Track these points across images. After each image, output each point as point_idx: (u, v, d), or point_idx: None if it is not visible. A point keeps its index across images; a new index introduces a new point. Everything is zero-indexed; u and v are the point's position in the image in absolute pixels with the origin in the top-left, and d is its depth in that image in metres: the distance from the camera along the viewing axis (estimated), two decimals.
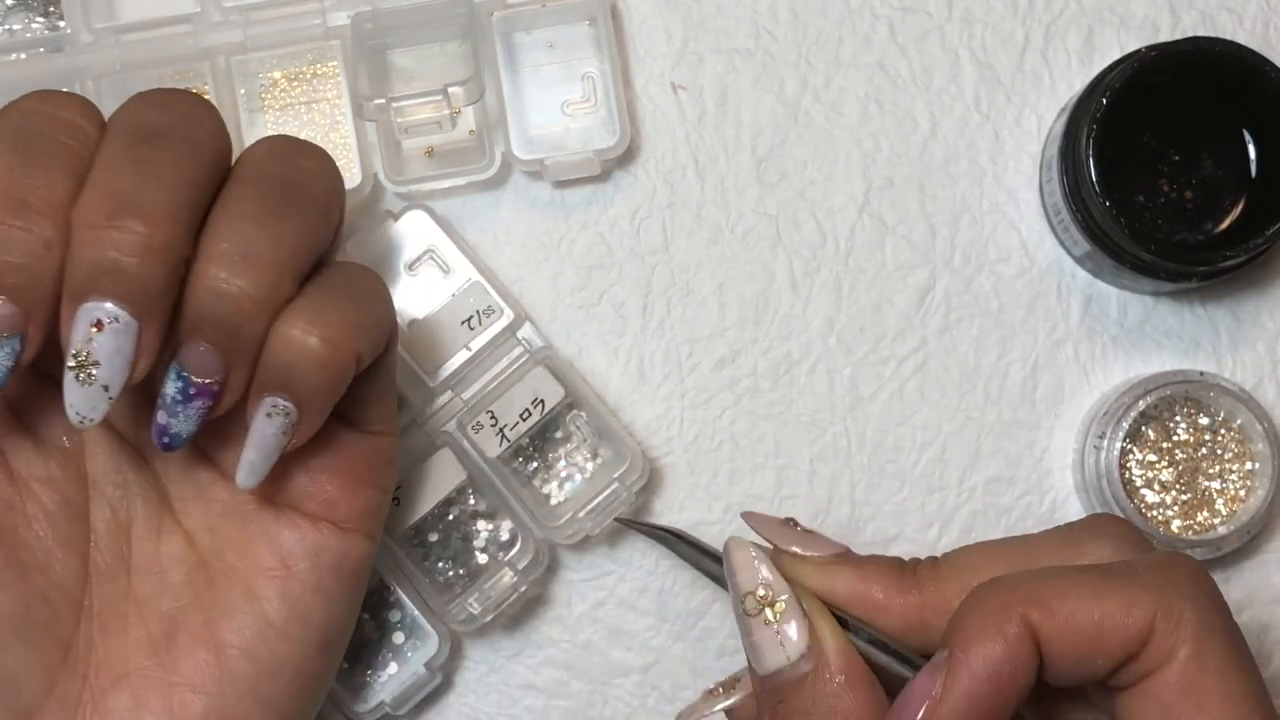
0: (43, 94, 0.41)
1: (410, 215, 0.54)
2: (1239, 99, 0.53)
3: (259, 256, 0.39)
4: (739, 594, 0.41)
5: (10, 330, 0.38)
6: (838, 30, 0.57)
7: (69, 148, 0.39)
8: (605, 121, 0.55)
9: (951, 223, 0.56)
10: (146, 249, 0.38)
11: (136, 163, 0.39)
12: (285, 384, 0.40)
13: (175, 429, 0.40)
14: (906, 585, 0.41)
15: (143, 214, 0.38)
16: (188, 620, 0.44)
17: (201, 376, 0.40)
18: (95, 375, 0.38)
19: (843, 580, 0.41)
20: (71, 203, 0.39)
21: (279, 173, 0.41)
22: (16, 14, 0.56)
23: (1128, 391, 0.54)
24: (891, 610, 0.41)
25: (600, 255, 0.56)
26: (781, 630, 0.40)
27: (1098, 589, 0.38)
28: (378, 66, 0.55)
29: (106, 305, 0.38)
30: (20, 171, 0.39)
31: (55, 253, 0.38)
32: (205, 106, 0.42)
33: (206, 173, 0.40)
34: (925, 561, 0.41)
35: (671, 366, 0.56)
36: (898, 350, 0.56)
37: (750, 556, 0.41)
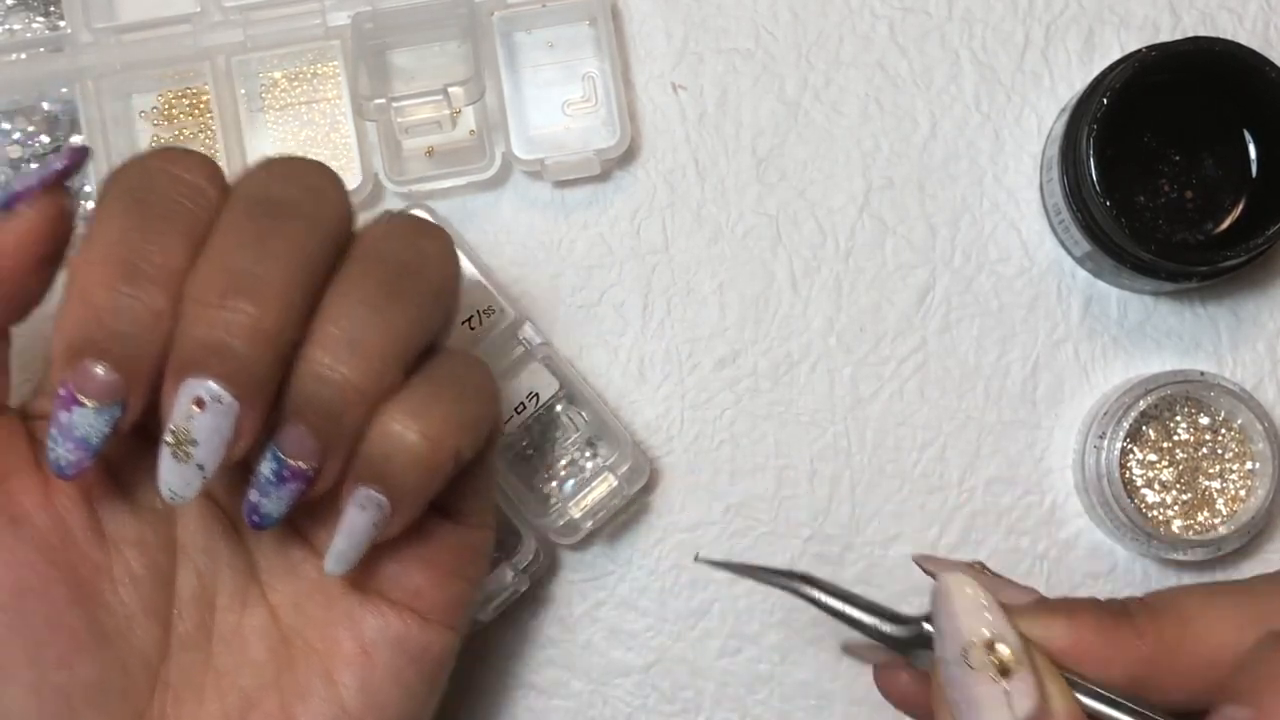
0: (170, 152, 0.40)
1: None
2: (1239, 99, 0.53)
3: (367, 345, 0.38)
4: (958, 642, 0.36)
5: (111, 399, 0.37)
6: (838, 30, 0.57)
7: (189, 212, 0.38)
8: (605, 121, 0.55)
9: (952, 222, 0.56)
10: (256, 332, 0.37)
11: (256, 238, 0.38)
12: (381, 477, 0.39)
13: (266, 509, 0.39)
14: (1126, 635, 0.37)
15: (256, 296, 0.37)
16: (263, 699, 0.42)
17: (297, 460, 0.38)
18: (192, 454, 0.37)
19: (1057, 629, 0.37)
20: (186, 270, 0.38)
21: (397, 255, 0.40)
22: (16, 14, 0.56)
23: (1128, 391, 0.54)
24: (1114, 663, 0.37)
25: (600, 255, 0.56)
26: (1012, 688, 0.36)
27: None
28: (378, 66, 0.55)
29: (209, 384, 0.37)
30: (137, 234, 0.38)
31: (164, 324, 0.37)
32: (332, 179, 0.41)
33: (326, 251, 0.39)
34: (1136, 606, 0.38)
35: (671, 366, 0.56)
36: (898, 350, 0.56)
37: (978, 601, 0.37)
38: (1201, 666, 0.37)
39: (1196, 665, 0.37)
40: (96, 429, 0.38)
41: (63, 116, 0.55)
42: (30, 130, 0.55)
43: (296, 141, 0.55)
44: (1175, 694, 0.37)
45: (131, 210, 0.38)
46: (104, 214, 0.38)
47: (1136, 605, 0.38)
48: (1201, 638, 0.37)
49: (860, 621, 0.39)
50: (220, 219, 0.39)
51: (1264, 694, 0.34)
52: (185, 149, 0.40)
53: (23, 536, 0.40)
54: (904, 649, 0.38)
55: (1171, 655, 0.37)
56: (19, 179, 0.39)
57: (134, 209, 0.38)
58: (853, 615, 0.39)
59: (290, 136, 0.55)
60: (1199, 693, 0.37)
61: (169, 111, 0.55)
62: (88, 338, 0.37)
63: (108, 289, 0.37)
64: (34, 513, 0.41)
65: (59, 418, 0.38)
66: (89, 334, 0.37)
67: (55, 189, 0.39)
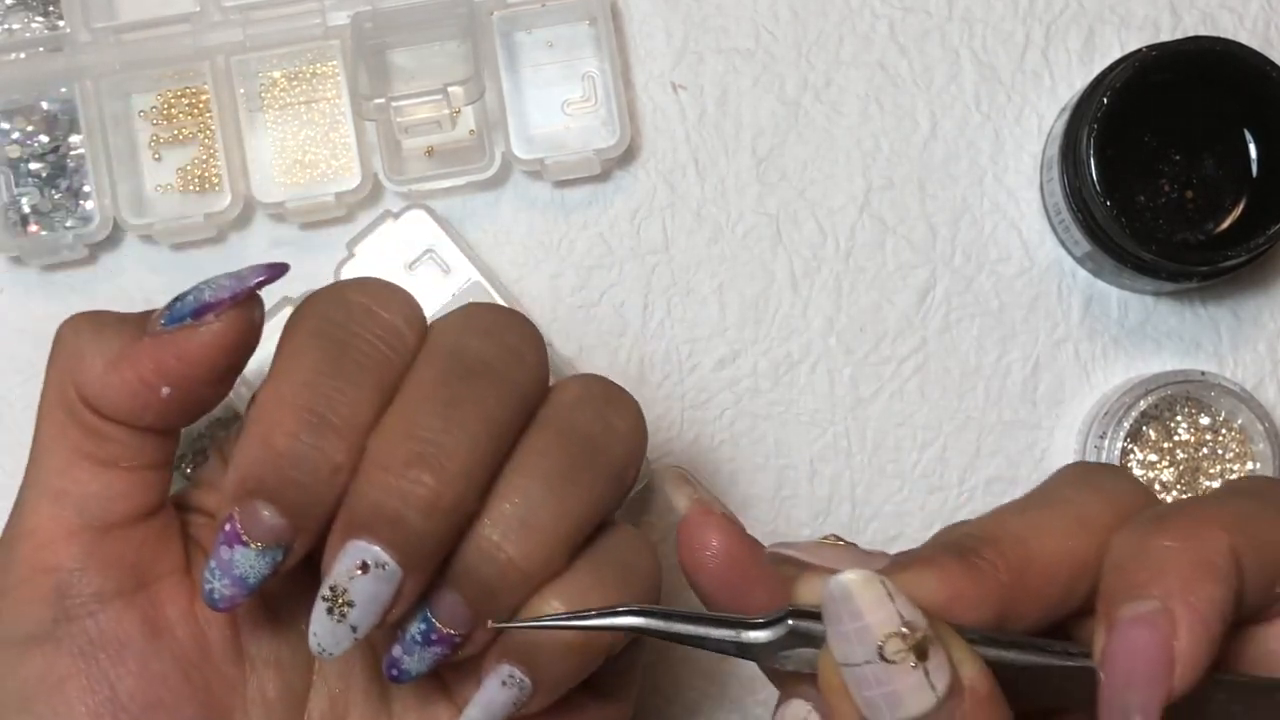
0: (370, 286, 0.39)
1: (410, 215, 0.54)
2: (1240, 98, 0.53)
3: (539, 526, 0.38)
4: (871, 642, 0.33)
5: (277, 543, 0.36)
6: (838, 30, 0.57)
7: (384, 359, 0.38)
8: (605, 121, 0.55)
9: (952, 222, 0.56)
10: (434, 507, 0.36)
11: (447, 403, 0.37)
12: (529, 660, 0.38)
13: (407, 666, 0.38)
14: (985, 571, 0.35)
15: (439, 469, 0.36)
16: None
17: (448, 627, 0.37)
18: (347, 615, 0.36)
19: (932, 585, 0.35)
20: (373, 421, 0.37)
21: (584, 428, 0.39)
22: (16, 13, 0.56)
23: (1128, 391, 0.54)
24: (984, 602, 0.35)
25: (600, 255, 0.56)
26: (930, 668, 0.33)
27: (1266, 511, 0.34)
28: (377, 66, 0.55)
29: (376, 549, 0.36)
30: (328, 380, 0.37)
31: (341, 478, 0.36)
32: (530, 337, 0.40)
33: (516, 419, 0.38)
34: (972, 541, 0.36)
35: (671, 366, 0.56)
36: (898, 350, 0.56)
37: (881, 592, 0.33)
38: (1047, 582, 0.35)
39: (1044, 582, 0.35)
40: (257, 570, 0.36)
41: (62, 116, 0.55)
42: (29, 130, 0.55)
43: (296, 141, 0.55)
44: (1029, 618, 0.36)
45: (326, 352, 0.37)
46: (296, 348, 0.37)
47: (973, 540, 0.36)
48: (1041, 554, 0.35)
49: (712, 638, 0.35)
50: (413, 372, 0.38)
51: (1160, 581, 0.33)
52: (386, 283, 0.39)
53: (162, 648, 0.39)
54: (768, 655, 0.35)
55: (1022, 578, 0.35)
56: (211, 288, 0.37)
57: (329, 350, 0.37)
58: (700, 634, 0.35)
59: (290, 136, 0.55)
60: (1047, 610, 0.36)
61: (168, 111, 0.55)
62: (262, 480, 0.36)
63: (290, 436, 0.36)
64: (176, 623, 0.39)
65: (220, 552, 0.36)
66: (264, 477, 0.36)
67: (247, 302, 0.37)
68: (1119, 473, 0.38)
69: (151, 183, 0.55)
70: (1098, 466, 0.38)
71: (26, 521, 0.39)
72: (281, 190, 0.55)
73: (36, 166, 0.55)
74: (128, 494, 0.39)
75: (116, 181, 0.54)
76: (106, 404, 0.38)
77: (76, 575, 0.38)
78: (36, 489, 0.39)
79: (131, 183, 0.55)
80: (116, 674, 0.38)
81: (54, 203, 0.54)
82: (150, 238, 0.55)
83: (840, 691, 0.34)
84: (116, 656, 0.38)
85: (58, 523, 0.38)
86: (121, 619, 0.39)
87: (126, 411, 0.38)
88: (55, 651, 0.38)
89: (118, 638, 0.38)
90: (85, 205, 0.54)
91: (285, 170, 0.55)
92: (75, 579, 0.38)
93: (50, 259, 0.55)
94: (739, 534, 0.38)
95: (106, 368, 0.37)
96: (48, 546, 0.38)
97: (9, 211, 0.54)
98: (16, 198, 0.54)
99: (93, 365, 0.38)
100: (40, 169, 0.55)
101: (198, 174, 0.55)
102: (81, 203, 0.54)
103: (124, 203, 0.54)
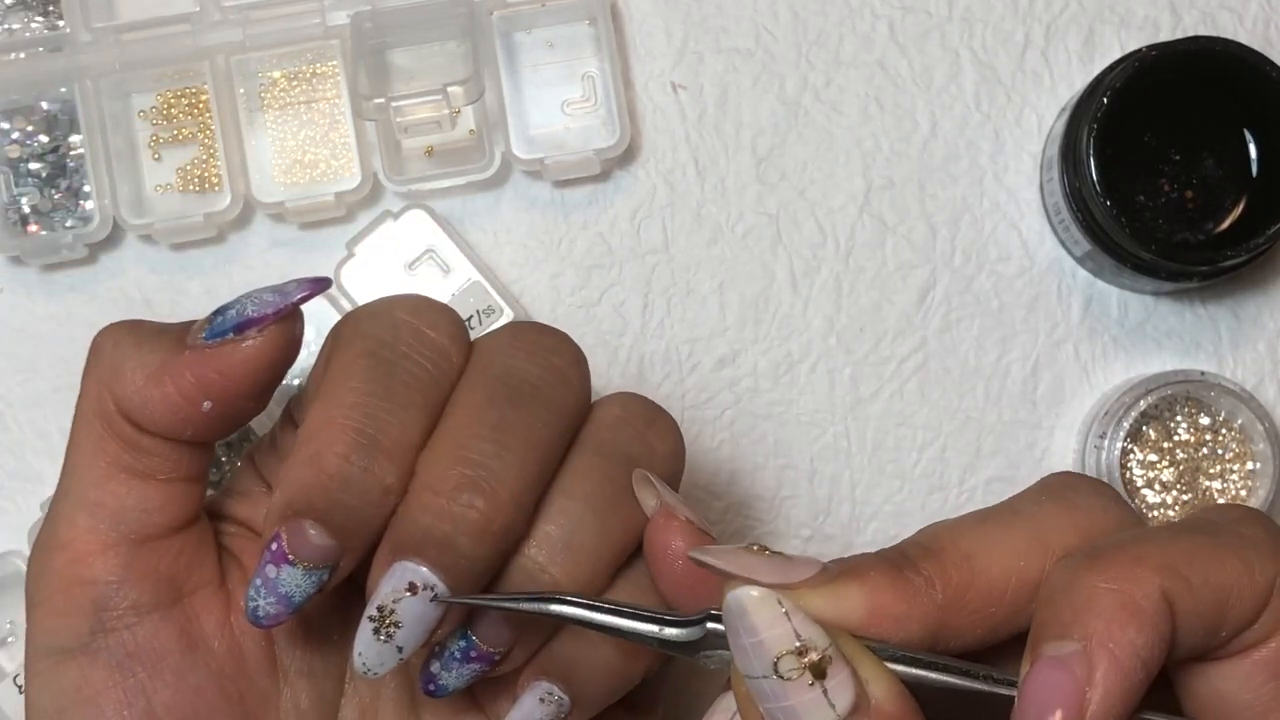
0: (417, 305, 0.39)
1: (410, 215, 0.54)
2: (1240, 98, 0.53)
3: (581, 548, 0.38)
4: (766, 659, 0.33)
5: (323, 564, 0.36)
6: (838, 30, 0.57)
7: (432, 379, 0.38)
8: (605, 121, 0.55)
9: (952, 222, 0.56)
10: (485, 532, 0.36)
11: (496, 428, 0.37)
12: (568, 678, 0.38)
13: (444, 682, 0.38)
14: (917, 587, 0.35)
15: (490, 494, 0.36)
16: None
17: (487, 645, 0.38)
18: (394, 635, 0.36)
19: (852, 601, 0.34)
20: (421, 443, 0.37)
21: (626, 449, 0.39)
22: (16, 13, 0.56)
23: (1128, 391, 0.54)
24: (911, 619, 0.34)
25: (600, 255, 0.56)
26: (830, 687, 0.33)
27: (1218, 552, 0.34)
28: (377, 66, 0.55)
29: (424, 571, 0.36)
30: (377, 402, 0.37)
31: (391, 500, 0.37)
32: (575, 357, 0.40)
33: (561, 441, 0.39)
34: (916, 552, 0.36)
35: (671, 366, 0.56)
36: (898, 350, 0.56)
37: (776, 610, 0.33)
38: (991, 602, 0.35)
39: (985, 602, 0.35)
40: (302, 589, 0.36)
41: (61, 116, 0.55)
42: (29, 130, 0.55)
43: (296, 141, 0.55)
44: (968, 636, 0.35)
45: (375, 372, 0.37)
46: (346, 369, 0.37)
47: (917, 551, 0.35)
48: (985, 571, 0.35)
49: (634, 631, 0.35)
50: (461, 394, 0.38)
51: (1083, 622, 0.32)
52: (432, 301, 0.39)
53: (198, 660, 0.39)
54: (690, 652, 0.35)
55: (961, 597, 0.34)
56: (254, 303, 0.37)
57: (377, 370, 0.37)
58: (622, 626, 0.35)
59: (289, 136, 0.55)
60: (990, 629, 0.35)
61: (168, 111, 0.55)
62: (310, 501, 0.36)
63: (341, 458, 0.36)
64: (212, 635, 0.39)
65: (265, 571, 0.36)
66: (312, 498, 0.36)
67: (289, 318, 0.37)
68: (1099, 490, 0.37)
69: (151, 182, 0.55)
70: (1080, 481, 0.37)
71: (62, 534, 0.38)
72: (281, 190, 0.55)
73: (36, 166, 0.55)
74: (164, 506, 0.39)
75: (116, 181, 0.54)
76: (146, 417, 0.37)
77: (114, 588, 0.38)
78: (72, 500, 0.39)
79: (131, 182, 0.55)
80: (153, 686, 0.38)
81: (54, 203, 0.54)
82: (150, 238, 0.55)
83: (746, 699, 0.34)
84: (153, 669, 0.38)
85: (94, 535, 0.38)
86: (158, 632, 0.39)
87: (166, 425, 0.38)
88: (91, 664, 0.38)
89: (154, 650, 0.38)
90: (85, 205, 0.54)
91: (285, 170, 0.55)
92: (113, 591, 0.38)
93: (50, 259, 0.55)
94: (701, 539, 0.38)
95: (147, 381, 0.37)
96: (84, 559, 0.38)
97: (9, 211, 0.54)
98: (16, 198, 0.54)
99: (133, 378, 0.37)
100: (40, 169, 0.55)
101: (197, 174, 0.55)
102: (81, 203, 0.54)
103: (124, 203, 0.54)
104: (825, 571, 0.34)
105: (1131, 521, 0.36)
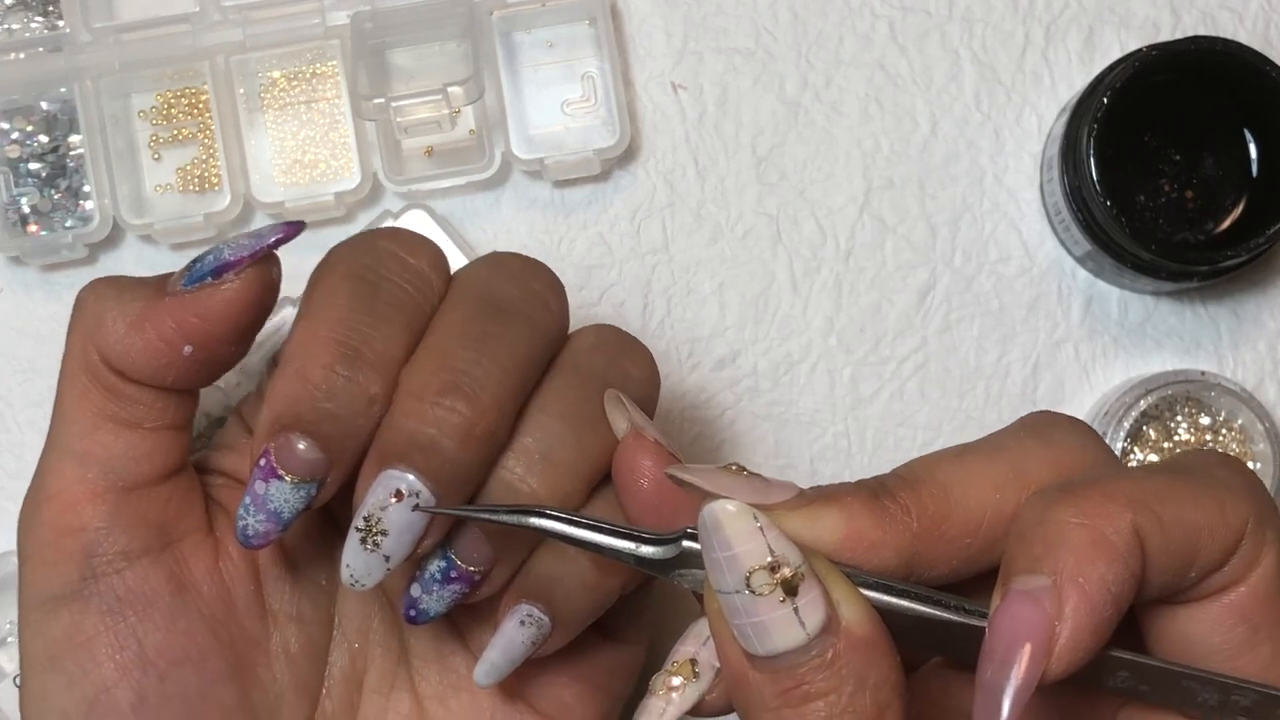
0: (398, 234, 0.40)
1: (410, 215, 0.54)
2: (1240, 98, 0.53)
3: (559, 461, 0.39)
4: (739, 573, 0.33)
5: (311, 476, 0.37)
6: (838, 30, 0.57)
7: (413, 300, 0.39)
8: (605, 121, 0.55)
9: (952, 222, 0.56)
10: (468, 435, 0.37)
11: (478, 339, 0.38)
12: (547, 597, 0.39)
13: (425, 606, 0.39)
14: (893, 515, 0.35)
15: (472, 398, 0.37)
16: None
17: (467, 563, 0.38)
18: (380, 544, 0.37)
19: (828, 524, 0.34)
20: (403, 360, 0.38)
21: (600, 372, 0.40)
22: (15, 13, 0.56)
23: (1129, 391, 0.54)
24: (886, 546, 0.34)
25: (600, 255, 0.56)
26: (801, 605, 0.33)
27: (1191, 491, 0.33)
28: (377, 66, 0.55)
29: (410, 478, 0.36)
30: (362, 317, 0.38)
31: (375, 410, 0.37)
32: (553, 283, 0.41)
33: (540, 357, 0.39)
34: (894, 482, 0.36)
35: (671, 366, 0.56)
36: (898, 350, 0.56)
37: (751, 524, 0.33)
38: (966, 534, 0.35)
39: (961, 533, 0.35)
40: (291, 504, 0.37)
41: (61, 116, 0.55)
42: (29, 130, 0.55)
43: (295, 141, 0.55)
44: (943, 567, 0.35)
45: (359, 291, 0.38)
46: (328, 290, 0.38)
47: (895, 481, 0.36)
48: (962, 503, 0.35)
49: (611, 548, 0.36)
50: (443, 314, 0.39)
51: (1054, 556, 0.32)
52: (411, 232, 0.41)
53: (188, 604, 0.40)
54: (665, 571, 0.36)
55: (937, 527, 0.35)
56: (230, 247, 0.38)
57: (361, 290, 0.38)
58: (600, 542, 0.36)
59: (289, 136, 0.55)
60: (966, 561, 0.35)
61: (168, 111, 0.55)
62: (298, 414, 0.37)
63: (325, 369, 0.37)
64: (201, 580, 0.40)
65: (255, 488, 0.37)
66: (299, 410, 0.37)
67: (265, 261, 0.38)
68: (1078, 428, 0.37)
69: (151, 183, 0.55)
70: (1059, 418, 0.37)
71: (51, 484, 0.39)
72: (281, 190, 0.55)
73: (36, 166, 0.55)
74: (151, 454, 0.39)
75: (116, 181, 0.54)
76: (129, 364, 0.38)
77: (103, 535, 0.39)
78: (60, 451, 0.39)
79: (131, 183, 0.55)
80: (143, 630, 0.39)
81: (53, 203, 0.54)
82: (150, 238, 0.55)
83: (718, 616, 0.34)
84: (143, 613, 0.39)
85: (82, 484, 0.39)
86: (148, 577, 0.39)
87: (149, 372, 0.38)
88: (83, 610, 0.39)
89: (144, 595, 0.39)
90: (85, 205, 0.54)
91: (285, 170, 0.55)
92: (101, 538, 0.39)
93: (50, 259, 0.55)
94: (670, 460, 0.38)
95: (128, 329, 0.38)
96: (73, 508, 0.39)
97: (9, 211, 0.54)
98: (16, 198, 0.54)
99: (115, 327, 0.38)
100: (40, 169, 0.55)
101: (197, 174, 0.55)
102: (81, 203, 0.54)
103: (124, 203, 0.54)
104: (803, 495, 0.35)
105: (1108, 460, 0.36)
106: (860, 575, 0.34)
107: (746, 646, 0.34)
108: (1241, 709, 0.34)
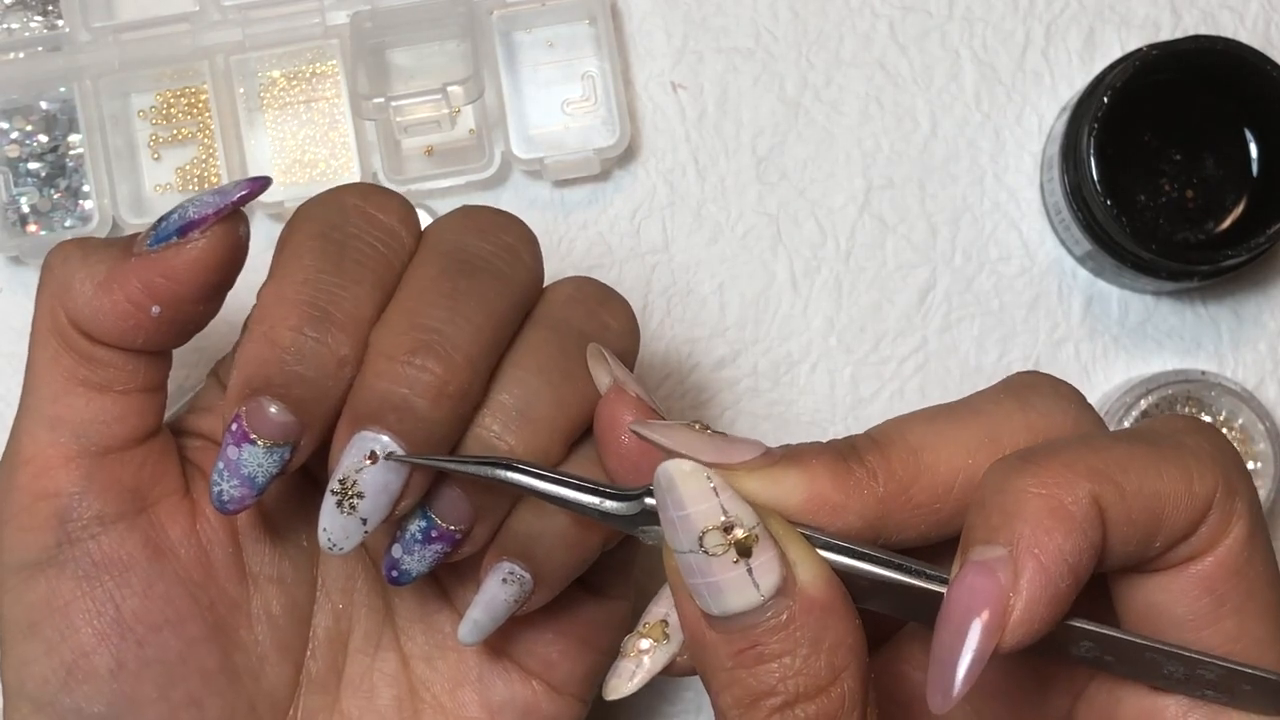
0: (365, 190, 0.39)
1: None
2: (1240, 98, 0.53)
3: (536, 417, 0.38)
4: (692, 533, 0.33)
5: (284, 440, 0.36)
6: (838, 29, 0.57)
7: (383, 258, 0.38)
8: (605, 121, 0.55)
9: (952, 222, 0.56)
10: (441, 394, 0.36)
11: (449, 296, 0.37)
12: (528, 554, 0.39)
13: (406, 566, 0.38)
14: (860, 477, 0.34)
15: (444, 357, 0.37)
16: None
17: (447, 522, 0.38)
18: (357, 506, 0.37)
19: (789, 485, 0.34)
20: (373, 319, 0.37)
21: (578, 325, 0.40)
22: (15, 13, 0.56)
23: (1129, 391, 0.54)
24: (849, 509, 0.34)
25: (600, 255, 0.56)
26: (755, 566, 0.33)
27: (1156, 460, 0.33)
28: (377, 65, 0.55)
29: (384, 438, 0.36)
30: (329, 277, 0.37)
31: (347, 371, 0.37)
32: (525, 236, 0.40)
33: (514, 313, 0.39)
34: (863, 443, 0.35)
35: (671, 366, 0.56)
36: (898, 350, 0.56)
37: (705, 485, 0.33)
38: (935, 498, 0.34)
39: (930, 497, 0.34)
40: (265, 468, 0.37)
41: (61, 116, 0.55)
42: (28, 129, 0.54)
43: (295, 141, 0.55)
44: (912, 531, 0.35)
45: (326, 251, 0.37)
46: (295, 249, 0.38)
47: (864, 443, 0.35)
48: (932, 467, 0.34)
49: (577, 502, 0.36)
50: (413, 270, 0.38)
51: (1011, 526, 0.32)
52: (380, 187, 0.40)
53: (165, 568, 0.39)
54: (630, 526, 0.36)
55: (905, 490, 0.34)
56: (195, 205, 0.37)
57: (328, 250, 0.38)
58: (566, 496, 0.36)
59: (289, 136, 0.55)
60: (936, 525, 0.35)
61: (167, 111, 0.55)
62: (267, 377, 0.36)
63: (294, 331, 0.37)
64: (179, 543, 0.40)
65: (227, 453, 0.37)
66: (269, 373, 0.36)
67: (231, 218, 0.37)
68: (1059, 390, 0.36)
69: (151, 182, 0.55)
70: (1041, 380, 0.37)
71: (24, 450, 0.39)
72: (281, 190, 0.55)
73: (35, 166, 0.55)
74: (123, 417, 0.39)
75: (116, 181, 0.54)
76: (97, 327, 0.38)
77: (77, 499, 0.39)
78: (32, 417, 0.39)
79: (131, 182, 0.55)
80: (121, 595, 0.39)
81: (53, 202, 0.54)
82: None
83: (675, 573, 0.34)
84: (120, 578, 0.39)
85: (56, 449, 0.39)
86: (124, 541, 0.39)
87: (117, 334, 0.38)
88: (59, 576, 0.38)
89: (121, 559, 0.39)
90: (84, 205, 0.54)
91: (284, 170, 0.55)
92: (76, 503, 0.39)
93: None
94: (651, 416, 0.38)
95: (95, 291, 0.38)
96: (47, 473, 0.39)
97: (8, 211, 0.54)
98: (15, 197, 0.54)
99: (82, 289, 0.38)
100: (39, 169, 0.54)
101: (197, 174, 0.55)
102: (80, 202, 0.54)
103: (123, 202, 0.54)
104: (768, 455, 0.34)
105: (1089, 424, 0.36)
106: (822, 537, 0.34)
107: (703, 606, 0.33)
108: (1207, 682, 0.34)
